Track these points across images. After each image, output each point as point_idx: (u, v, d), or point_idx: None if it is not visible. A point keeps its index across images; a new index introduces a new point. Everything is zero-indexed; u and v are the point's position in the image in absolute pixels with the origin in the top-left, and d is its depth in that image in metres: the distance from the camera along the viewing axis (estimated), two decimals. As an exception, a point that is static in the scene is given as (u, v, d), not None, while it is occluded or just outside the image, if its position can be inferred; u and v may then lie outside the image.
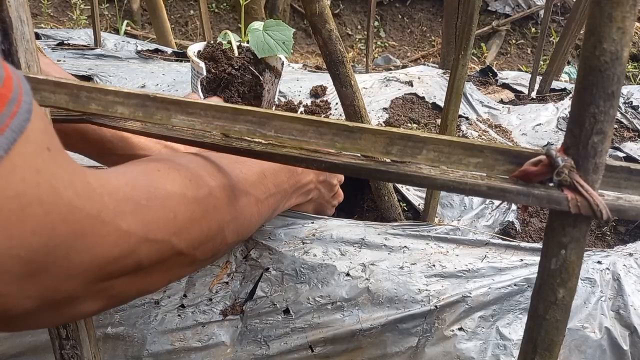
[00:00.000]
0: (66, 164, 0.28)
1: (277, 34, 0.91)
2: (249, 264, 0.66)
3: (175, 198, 0.36)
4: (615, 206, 0.32)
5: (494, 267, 0.66)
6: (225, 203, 0.43)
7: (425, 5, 3.92)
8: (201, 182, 0.40)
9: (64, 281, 0.28)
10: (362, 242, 0.69)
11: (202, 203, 0.39)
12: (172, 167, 0.39)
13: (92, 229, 0.28)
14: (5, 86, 0.23)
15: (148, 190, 0.34)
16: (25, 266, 0.25)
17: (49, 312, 0.30)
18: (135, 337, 0.61)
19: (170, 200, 0.36)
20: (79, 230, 0.27)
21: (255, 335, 0.61)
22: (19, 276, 0.25)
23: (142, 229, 0.33)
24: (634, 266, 0.69)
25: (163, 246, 0.35)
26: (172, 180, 0.38)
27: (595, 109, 0.29)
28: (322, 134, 0.37)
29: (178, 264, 0.38)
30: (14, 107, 0.24)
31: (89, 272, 0.29)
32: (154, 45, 1.63)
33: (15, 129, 0.24)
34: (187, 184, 0.39)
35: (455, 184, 0.34)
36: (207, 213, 0.40)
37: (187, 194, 0.38)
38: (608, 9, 0.27)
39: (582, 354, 0.60)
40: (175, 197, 0.37)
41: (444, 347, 0.60)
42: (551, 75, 1.41)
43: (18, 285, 0.26)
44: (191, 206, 0.38)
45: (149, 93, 0.40)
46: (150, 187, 0.35)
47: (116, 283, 0.32)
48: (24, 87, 0.25)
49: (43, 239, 0.25)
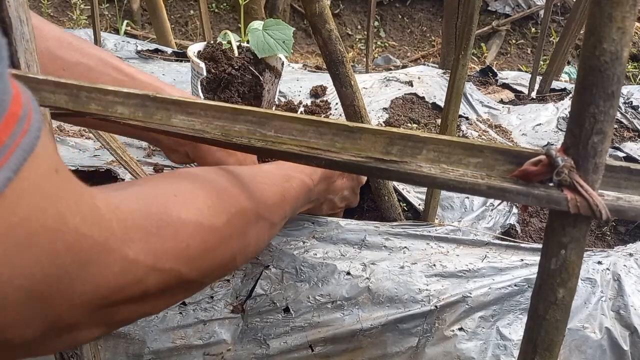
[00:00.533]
0: (74, 186, 0.27)
1: (277, 33, 0.91)
2: (250, 261, 0.66)
3: (189, 227, 0.35)
4: (615, 206, 0.32)
5: (494, 267, 0.66)
6: (241, 232, 0.41)
7: (425, 5, 3.92)
8: (220, 208, 0.39)
9: (67, 310, 0.27)
10: (363, 241, 0.69)
11: (218, 233, 0.38)
12: (191, 192, 0.38)
13: (98, 257, 0.27)
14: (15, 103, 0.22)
15: (160, 217, 0.33)
16: (27, 296, 0.24)
17: (50, 340, 0.29)
18: (136, 334, 0.61)
19: (184, 229, 0.34)
20: (84, 259, 0.26)
21: (255, 333, 0.61)
22: (21, 306, 0.24)
23: (150, 258, 0.31)
24: (634, 266, 0.69)
25: (172, 275, 0.34)
26: (188, 207, 0.36)
27: (595, 109, 0.29)
28: (322, 134, 0.37)
29: (185, 290, 0.37)
30: (25, 124, 0.22)
31: (93, 301, 0.28)
32: (154, 45, 1.63)
33: (26, 147, 0.22)
34: (205, 212, 0.37)
35: (455, 183, 0.34)
36: (222, 243, 0.38)
37: (204, 222, 0.36)
38: (608, 9, 0.27)
39: (583, 354, 0.60)
40: (189, 226, 0.35)
41: (444, 347, 0.60)
42: (551, 75, 1.41)
43: (20, 316, 0.25)
44: (206, 236, 0.36)
45: (148, 93, 0.40)
46: (163, 215, 0.33)
47: (120, 309, 0.31)
48: (32, 104, 0.24)
49: (47, 268, 0.24)
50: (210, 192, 0.39)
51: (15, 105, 0.22)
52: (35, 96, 0.38)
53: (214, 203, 0.38)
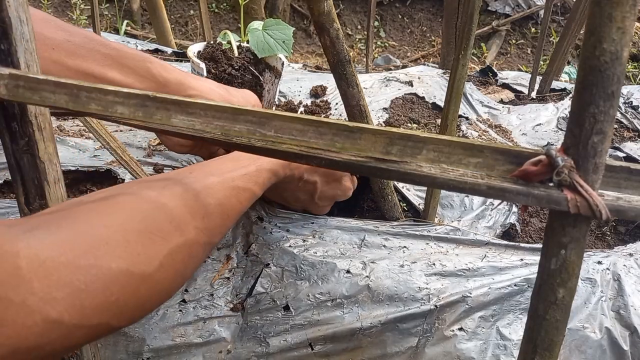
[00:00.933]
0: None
1: (276, 33, 0.91)
2: (250, 259, 0.66)
3: (120, 279, 0.33)
4: (615, 207, 0.32)
5: (494, 267, 0.66)
6: (175, 269, 0.39)
7: (425, 5, 3.92)
8: (152, 253, 0.36)
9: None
10: (363, 240, 0.69)
11: (150, 280, 0.36)
12: (122, 236, 0.35)
13: (15, 319, 0.26)
14: None
15: (89, 272, 0.31)
16: None
17: None
18: (136, 332, 0.61)
19: (114, 283, 0.33)
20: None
21: (255, 331, 0.61)
22: None
23: (77, 316, 0.30)
24: (634, 266, 0.69)
25: (100, 329, 0.33)
26: (120, 255, 0.34)
27: (595, 109, 0.29)
28: (322, 134, 0.37)
29: (112, 334, 0.37)
30: None
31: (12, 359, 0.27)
32: (154, 45, 1.63)
33: None
34: (135, 260, 0.35)
35: (455, 183, 0.34)
36: (153, 289, 0.37)
37: (135, 271, 0.34)
38: (608, 8, 0.27)
39: (583, 354, 0.60)
40: (120, 278, 0.33)
41: (444, 347, 0.60)
42: (551, 75, 1.41)
43: None
44: (136, 286, 0.35)
45: (148, 93, 0.40)
46: (92, 268, 0.32)
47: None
48: None
49: None
50: (143, 233, 0.37)
51: None
52: (35, 96, 0.38)
53: (145, 248, 0.36)
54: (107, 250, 0.33)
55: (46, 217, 0.35)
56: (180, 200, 0.42)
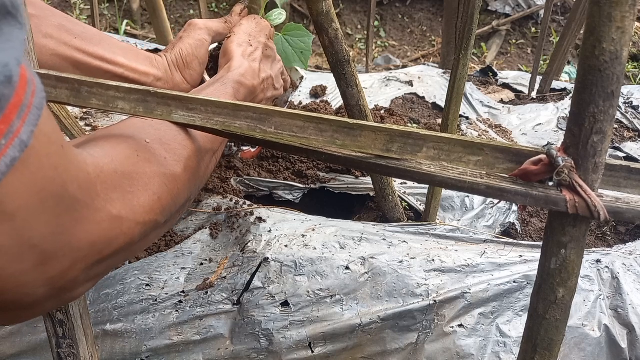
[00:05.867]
0: (74, 157, 0.30)
1: (296, 41, 0.83)
2: (246, 256, 0.66)
3: (156, 180, 0.39)
4: (613, 208, 0.32)
5: (493, 263, 0.66)
6: (196, 171, 0.47)
7: (425, 5, 3.92)
8: (176, 157, 0.43)
9: (69, 267, 0.30)
10: (362, 236, 0.69)
11: (180, 179, 0.43)
12: (149, 146, 0.42)
13: (88, 216, 0.31)
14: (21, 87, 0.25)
15: (131, 177, 0.37)
16: (39, 256, 0.28)
17: (53, 299, 0.32)
18: (133, 333, 0.61)
19: (152, 184, 0.39)
20: (78, 219, 0.30)
21: (253, 328, 0.61)
22: (34, 265, 0.28)
23: (131, 213, 0.35)
24: (633, 265, 0.69)
25: (151, 225, 0.38)
26: (151, 161, 0.40)
27: (595, 109, 0.30)
28: (322, 131, 0.37)
29: (157, 234, 0.43)
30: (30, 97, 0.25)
31: (89, 257, 0.32)
32: (154, 45, 1.63)
33: (29, 134, 0.25)
34: (164, 164, 0.42)
35: (454, 182, 0.34)
36: (183, 187, 0.44)
37: (167, 173, 0.41)
38: (607, 8, 0.27)
39: (582, 351, 0.60)
40: (156, 180, 0.40)
41: (444, 344, 0.60)
42: (551, 75, 1.41)
43: (33, 275, 0.28)
44: (171, 184, 0.41)
45: (149, 89, 0.40)
46: (133, 174, 0.37)
47: (108, 262, 0.35)
48: (37, 84, 0.27)
49: (52, 228, 0.28)
50: (161, 142, 0.43)
51: (21, 88, 0.25)
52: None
53: (168, 153, 0.43)
54: (139, 159, 0.39)
55: (91, 136, 0.41)
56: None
